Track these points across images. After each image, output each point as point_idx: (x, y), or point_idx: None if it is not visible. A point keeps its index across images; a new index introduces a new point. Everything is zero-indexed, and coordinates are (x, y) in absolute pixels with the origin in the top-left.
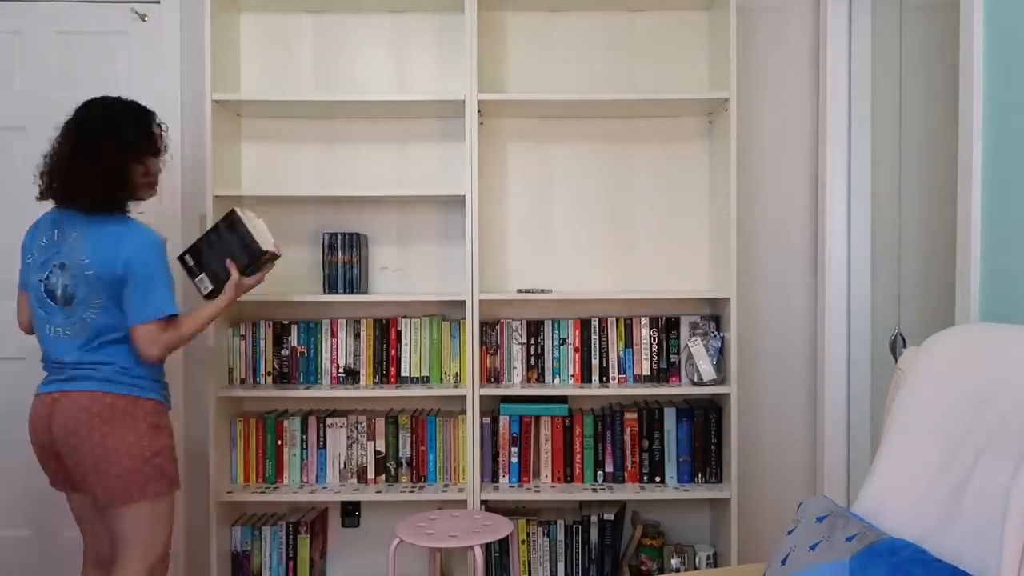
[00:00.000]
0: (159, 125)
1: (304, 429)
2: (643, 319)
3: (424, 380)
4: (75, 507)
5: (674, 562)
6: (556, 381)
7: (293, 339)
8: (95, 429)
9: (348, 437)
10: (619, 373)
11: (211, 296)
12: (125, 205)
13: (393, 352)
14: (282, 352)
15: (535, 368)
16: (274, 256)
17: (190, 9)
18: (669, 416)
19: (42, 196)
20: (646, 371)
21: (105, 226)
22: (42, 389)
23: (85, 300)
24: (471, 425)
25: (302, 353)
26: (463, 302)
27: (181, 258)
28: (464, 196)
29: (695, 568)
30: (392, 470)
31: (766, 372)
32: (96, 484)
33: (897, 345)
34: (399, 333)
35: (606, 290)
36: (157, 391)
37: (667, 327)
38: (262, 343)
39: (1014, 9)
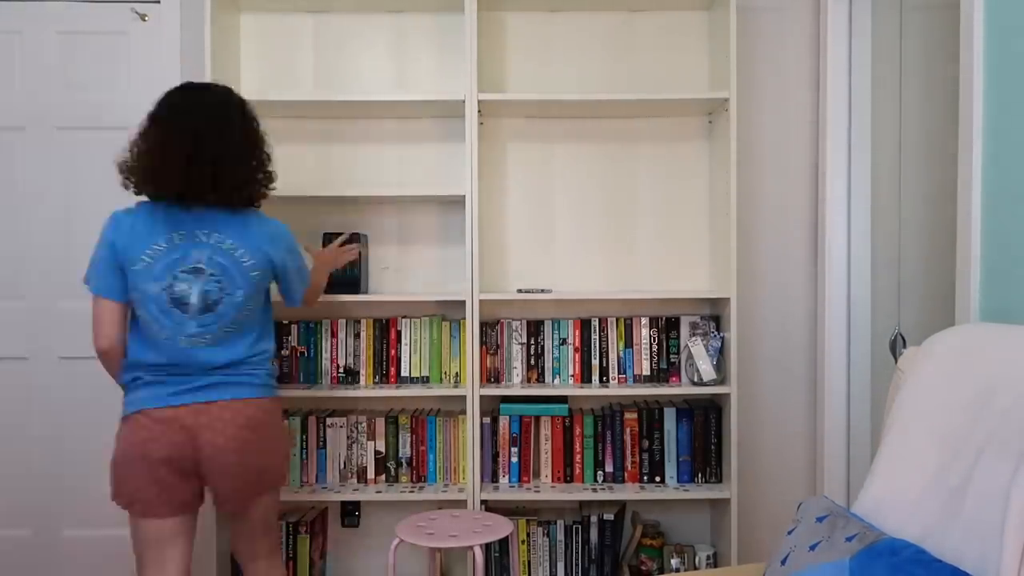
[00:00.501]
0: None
1: (304, 429)
2: (643, 319)
3: (424, 380)
4: (169, 528)
5: (674, 562)
6: (556, 381)
7: (293, 339)
8: (265, 436)
9: (348, 437)
10: (619, 373)
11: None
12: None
13: (393, 352)
14: (282, 352)
15: (535, 368)
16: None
17: (190, 9)
18: (669, 416)
19: (139, 191)
20: (646, 371)
21: (247, 219)
22: (167, 402)
23: (240, 304)
24: (471, 425)
25: (302, 353)
26: (463, 302)
27: None
28: (464, 196)
29: (695, 568)
30: (392, 470)
31: (766, 372)
32: (250, 487)
33: (897, 345)
34: (399, 333)
35: (606, 290)
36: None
37: (667, 327)
38: None
39: (1014, 9)
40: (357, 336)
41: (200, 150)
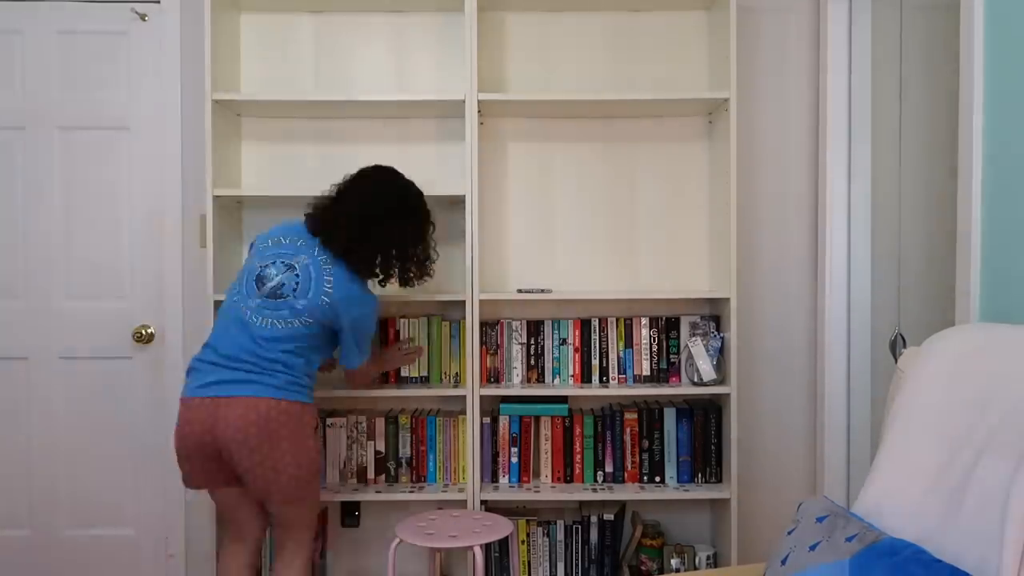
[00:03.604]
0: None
1: None
2: (643, 319)
3: (424, 380)
4: (224, 499)
5: (674, 562)
6: (556, 381)
7: None
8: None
9: (348, 437)
10: (619, 373)
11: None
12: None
13: None
14: None
15: (535, 368)
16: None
17: (190, 9)
18: (669, 416)
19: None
20: (646, 371)
21: (350, 274)
22: (213, 392)
23: (298, 311)
24: (471, 425)
25: None
26: (463, 302)
27: None
28: (464, 196)
29: (695, 568)
30: (392, 470)
31: (766, 372)
32: (272, 485)
33: (897, 345)
34: (398, 333)
35: (606, 290)
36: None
37: (667, 327)
38: None
39: (1014, 9)
40: None
41: (372, 210)
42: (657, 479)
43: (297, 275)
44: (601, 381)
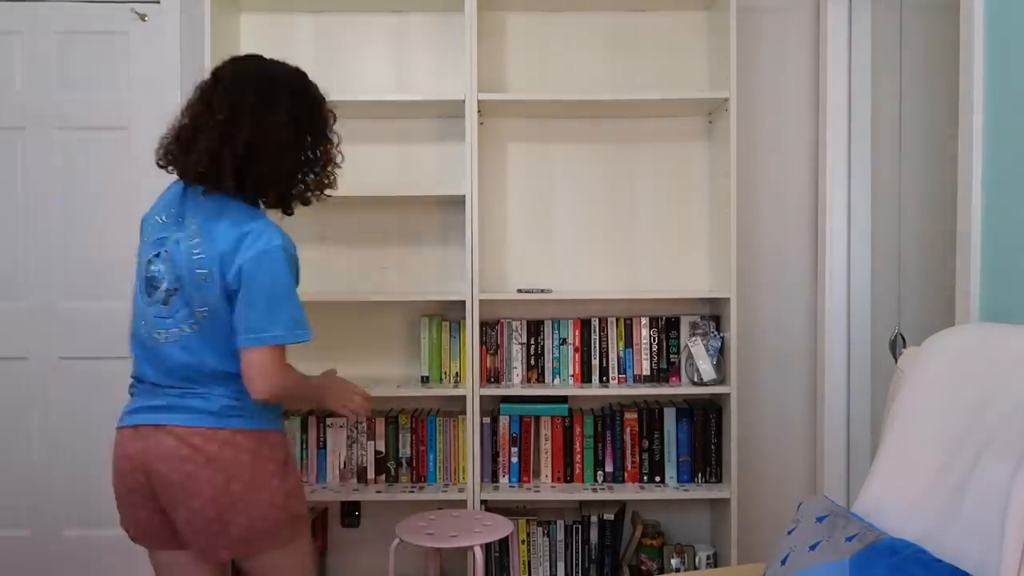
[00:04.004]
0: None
1: (304, 429)
2: (643, 319)
3: (424, 380)
4: (163, 565)
5: (674, 562)
6: (556, 381)
7: None
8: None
9: (348, 437)
10: (619, 373)
11: None
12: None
13: None
14: None
15: (535, 368)
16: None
17: (190, 9)
18: (669, 416)
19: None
20: (646, 371)
21: (228, 210)
22: (142, 419)
23: (190, 300)
24: (471, 425)
25: None
26: (463, 302)
27: None
28: (464, 196)
29: (695, 568)
30: (392, 470)
31: (766, 372)
32: (217, 538)
33: (897, 345)
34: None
35: (606, 290)
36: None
37: (667, 327)
38: None
39: (1014, 9)
40: None
41: (233, 131)
42: (657, 479)
43: (172, 261)
44: (601, 381)
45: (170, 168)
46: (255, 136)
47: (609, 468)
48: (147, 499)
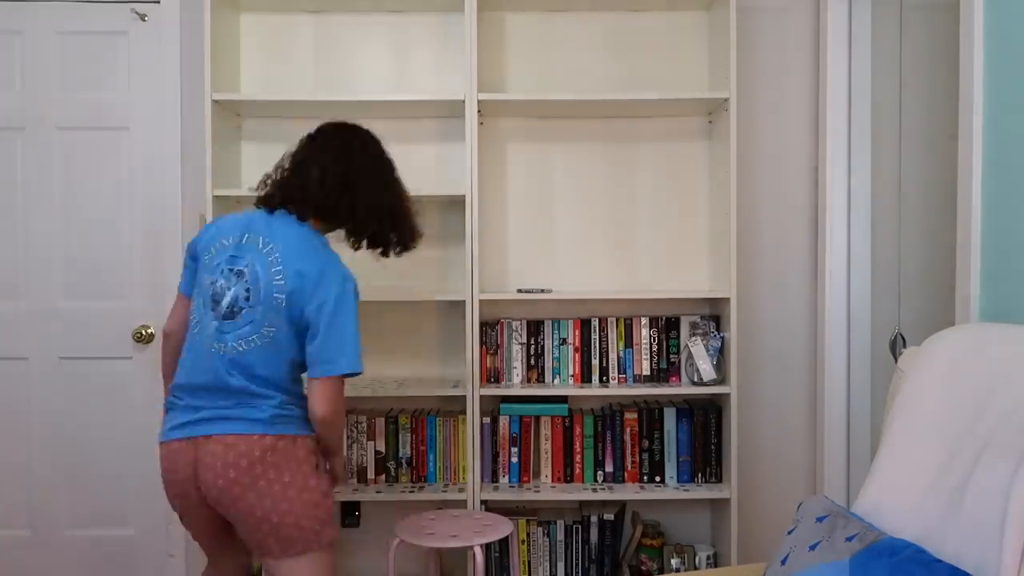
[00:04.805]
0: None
1: None
2: (643, 319)
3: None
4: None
5: (674, 562)
6: (556, 381)
7: None
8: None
9: (348, 437)
10: (619, 373)
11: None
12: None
13: None
14: None
15: (535, 368)
16: None
17: (190, 9)
18: (669, 416)
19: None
20: (646, 371)
21: (304, 234)
22: (190, 432)
23: (259, 321)
24: (471, 425)
25: None
26: (463, 302)
27: None
28: (464, 196)
29: (695, 568)
30: (392, 470)
31: (766, 372)
32: (268, 537)
33: (897, 345)
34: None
35: (606, 290)
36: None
37: (667, 327)
38: None
39: (1014, 9)
40: None
41: (335, 170)
42: (657, 479)
43: (247, 280)
44: (601, 381)
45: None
46: (370, 192)
47: (609, 468)
48: (201, 506)
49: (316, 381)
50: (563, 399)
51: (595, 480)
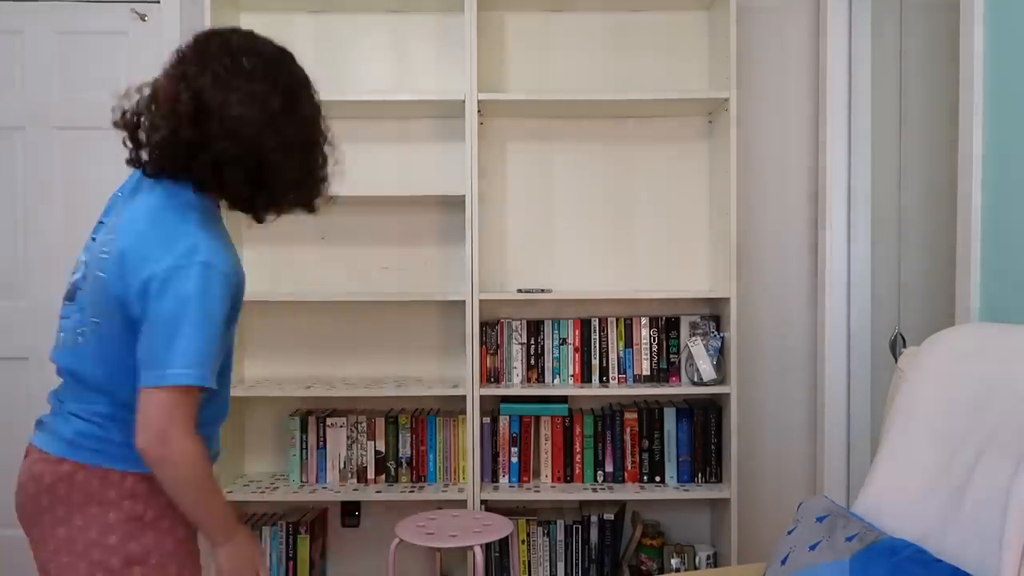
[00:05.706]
0: None
1: (304, 429)
2: (643, 319)
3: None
4: None
5: (674, 562)
6: (556, 381)
7: None
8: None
9: (348, 437)
10: (619, 373)
11: None
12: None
13: None
14: None
15: (535, 368)
16: None
17: (190, 9)
18: (669, 416)
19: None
20: (646, 371)
21: (156, 193)
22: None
23: (86, 304)
24: (471, 425)
25: None
26: (463, 302)
27: None
28: (464, 196)
29: (695, 568)
30: (392, 470)
31: (766, 372)
32: None
33: (897, 345)
34: None
35: (606, 290)
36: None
37: (667, 327)
38: None
39: (1014, 9)
40: None
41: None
42: (657, 479)
43: (85, 252)
44: (601, 381)
45: None
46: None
47: (609, 468)
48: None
49: (142, 393)
50: (563, 399)
51: (595, 480)
